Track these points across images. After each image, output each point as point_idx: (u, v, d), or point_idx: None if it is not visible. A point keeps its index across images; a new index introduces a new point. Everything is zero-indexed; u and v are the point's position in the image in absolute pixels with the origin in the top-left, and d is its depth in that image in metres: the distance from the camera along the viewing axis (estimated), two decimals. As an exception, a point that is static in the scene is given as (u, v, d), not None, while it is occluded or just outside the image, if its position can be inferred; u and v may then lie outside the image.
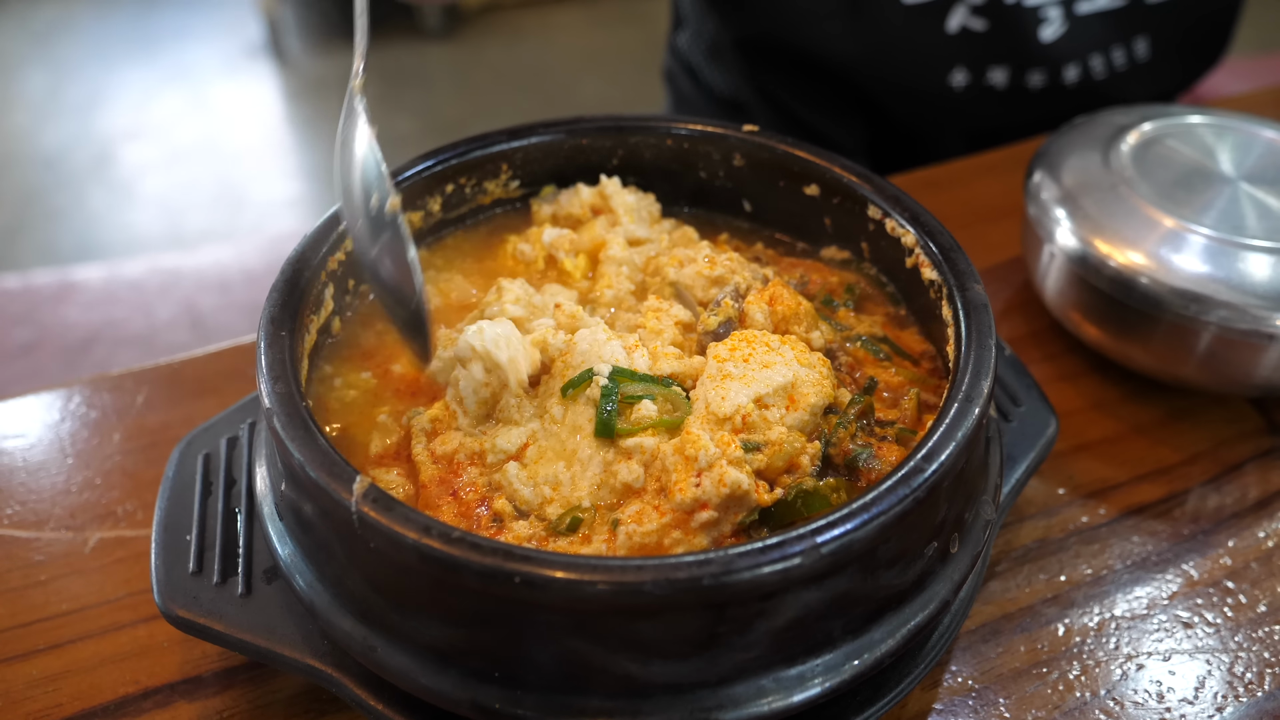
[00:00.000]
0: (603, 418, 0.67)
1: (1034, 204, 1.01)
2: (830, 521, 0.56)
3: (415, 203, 0.84)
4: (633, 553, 0.62)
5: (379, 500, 0.57)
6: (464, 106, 3.80)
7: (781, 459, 0.66)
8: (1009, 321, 1.07)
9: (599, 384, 0.68)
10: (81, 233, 3.25)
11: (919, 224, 0.79)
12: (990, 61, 1.39)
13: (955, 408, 0.63)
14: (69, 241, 3.21)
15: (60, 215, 3.33)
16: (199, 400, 0.95)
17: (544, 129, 0.89)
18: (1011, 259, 1.14)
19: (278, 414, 0.62)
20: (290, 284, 0.72)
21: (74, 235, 3.24)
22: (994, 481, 0.72)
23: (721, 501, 0.63)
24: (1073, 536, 0.86)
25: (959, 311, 0.71)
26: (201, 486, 0.78)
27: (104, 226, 3.27)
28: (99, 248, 3.18)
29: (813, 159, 0.86)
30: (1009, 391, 0.87)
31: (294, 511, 0.65)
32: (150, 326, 1.87)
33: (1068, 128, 1.09)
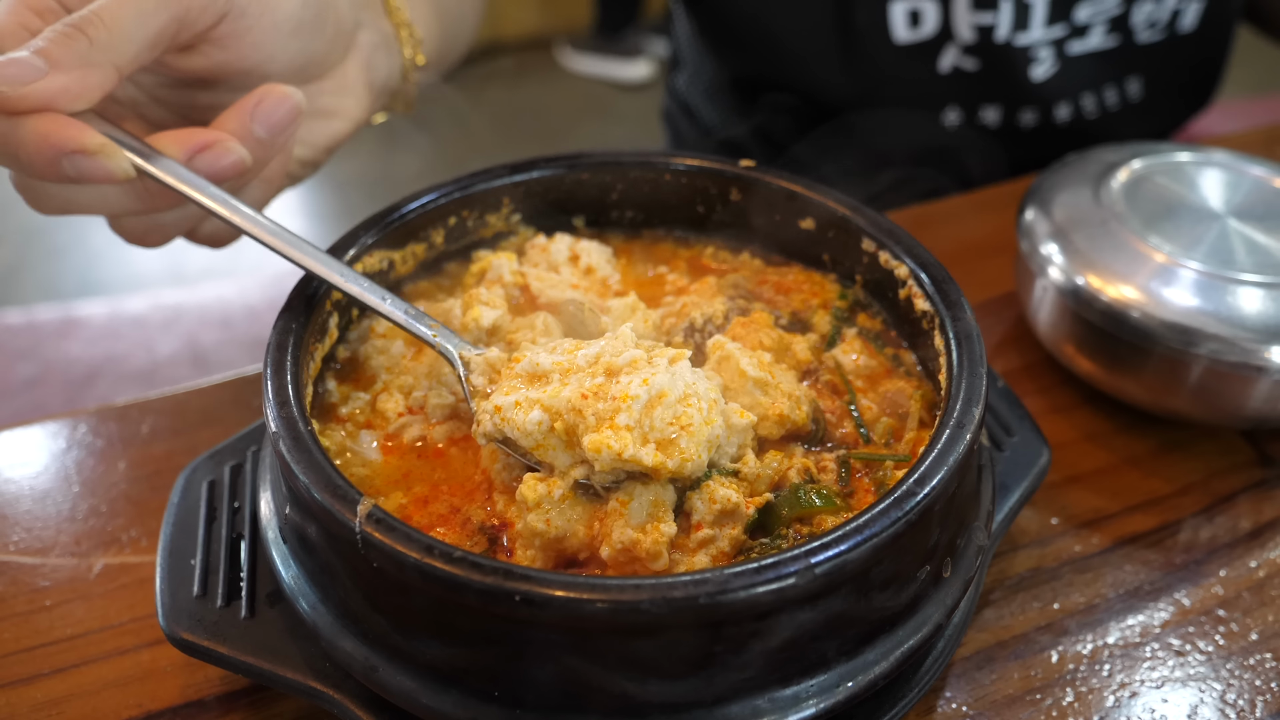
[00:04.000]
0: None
1: (1026, 239, 1.04)
2: (824, 542, 0.58)
3: (418, 235, 0.87)
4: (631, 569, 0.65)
5: (382, 521, 0.59)
6: (464, 146, 3.86)
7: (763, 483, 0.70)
8: (1003, 355, 1.09)
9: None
10: (83, 270, 3.29)
11: (912, 255, 0.81)
12: (982, 100, 1.42)
13: (947, 433, 0.66)
14: (71, 278, 3.25)
15: (62, 252, 3.36)
16: (203, 429, 0.97)
17: (545, 164, 0.92)
18: (1005, 294, 1.16)
19: (283, 438, 0.64)
20: (296, 312, 0.74)
21: (76, 272, 3.28)
22: (986, 509, 0.74)
23: (715, 518, 0.65)
24: (1066, 566, 0.87)
25: (950, 339, 0.73)
26: (206, 512, 0.80)
27: (106, 263, 3.31)
28: (101, 284, 3.22)
29: (808, 193, 0.88)
30: (1002, 422, 0.89)
31: (298, 534, 0.67)
32: (152, 361, 1.89)
33: (1059, 165, 1.12)
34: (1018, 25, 1.34)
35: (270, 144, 0.77)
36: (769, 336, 0.80)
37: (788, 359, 0.81)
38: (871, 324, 0.87)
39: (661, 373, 0.66)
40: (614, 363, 0.68)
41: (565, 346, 0.71)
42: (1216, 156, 1.10)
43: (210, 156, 0.74)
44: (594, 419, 0.65)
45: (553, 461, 0.67)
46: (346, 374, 0.82)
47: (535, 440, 0.67)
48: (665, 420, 0.65)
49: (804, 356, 0.82)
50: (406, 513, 0.70)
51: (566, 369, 0.69)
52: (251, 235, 0.74)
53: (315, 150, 0.90)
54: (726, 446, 0.70)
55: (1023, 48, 1.36)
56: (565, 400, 0.66)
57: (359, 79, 0.91)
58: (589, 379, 0.67)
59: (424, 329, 0.75)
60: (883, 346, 0.84)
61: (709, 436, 0.67)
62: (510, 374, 0.71)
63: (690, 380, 0.68)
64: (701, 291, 0.88)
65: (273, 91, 0.77)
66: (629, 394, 0.65)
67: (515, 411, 0.67)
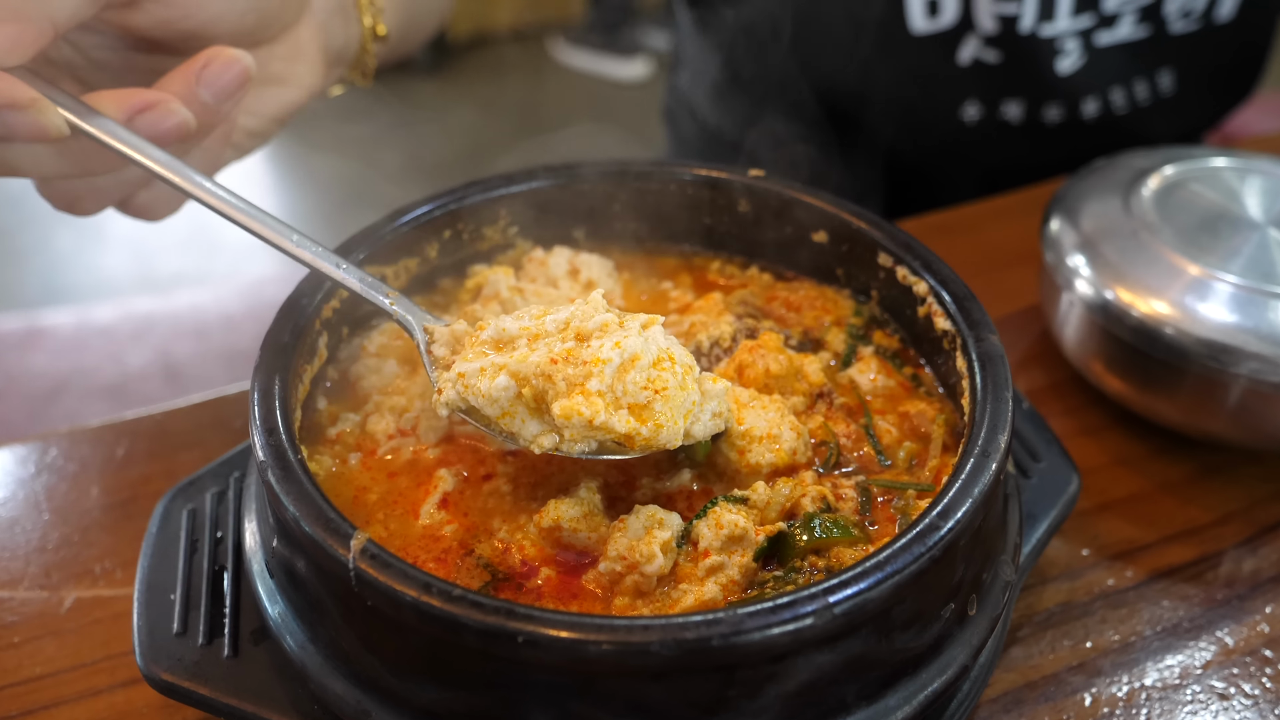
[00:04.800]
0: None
1: (1051, 250, 1.04)
2: (843, 580, 0.59)
3: (412, 249, 0.88)
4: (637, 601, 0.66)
5: (377, 557, 0.59)
6: (452, 144, 3.87)
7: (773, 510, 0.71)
8: (1026, 373, 1.09)
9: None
10: (48, 275, 3.29)
11: (931, 271, 0.82)
12: (1004, 94, 1.42)
13: (972, 462, 0.66)
14: (34, 284, 3.25)
15: (25, 256, 3.37)
16: (183, 453, 0.97)
17: (544, 174, 0.92)
18: (1028, 307, 1.17)
19: (271, 467, 0.65)
20: (284, 332, 0.75)
21: (39, 277, 3.28)
22: (1013, 541, 0.75)
23: (722, 545, 0.66)
24: (1098, 600, 0.88)
25: (974, 363, 0.74)
26: (187, 543, 0.80)
27: (71, 268, 3.32)
28: (66, 291, 3.22)
29: (820, 204, 0.89)
30: (1028, 446, 0.89)
31: (286, 568, 0.67)
32: (122, 375, 1.89)
33: (1086, 171, 1.13)
34: (1043, 15, 1.34)
35: (216, 110, 0.77)
36: (777, 362, 0.81)
37: (798, 384, 0.82)
38: (888, 342, 0.87)
39: (634, 336, 0.68)
40: (584, 327, 0.69)
41: (534, 312, 0.72)
42: (1254, 161, 1.10)
43: (152, 118, 0.73)
44: (564, 384, 0.66)
45: (519, 431, 0.68)
46: (336, 393, 0.82)
47: (501, 408, 0.67)
48: (639, 385, 0.66)
49: (816, 378, 0.82)
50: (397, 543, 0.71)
51: (535, 334, 0.70)
52: (197, 199, 0.73)
53: (264, 120, 0.89)
54: (701, 414, 0.70)
55: (1048, 39, 1.37)
56: (534, 365, 0.66)
57: (313, 44, 0.90)
58: (558, 343, 0.68)
59: (381, 297, 0.76)
60: (901, 366, 0.85)
61: (684, 403, 0.68)
62: (475, 341, 0.72)
63: (664, 345, 0.69)
64: (707, 308, 0.89)
65: (221, 54, 0.76)
66: (600, 358, 0.66)
67: (480, 379, 0.67)
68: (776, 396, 0.79)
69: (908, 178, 1.54)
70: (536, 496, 0.73)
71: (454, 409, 0.70)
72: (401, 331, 0.86)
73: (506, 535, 0.71)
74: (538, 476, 0.75)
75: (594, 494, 0.71)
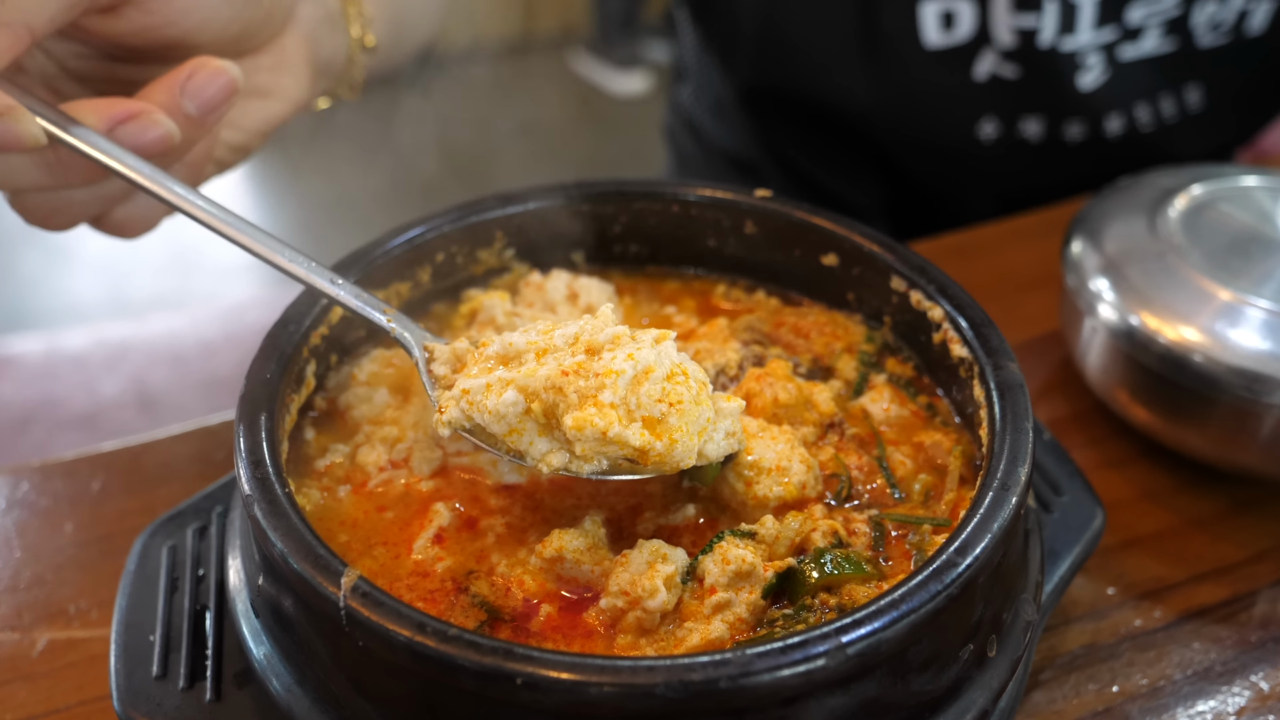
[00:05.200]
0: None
1: (1073, 274, 1.06)
2: (856, 619, 0.60)
3: (404, 272, 0.89)
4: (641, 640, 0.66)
5: (369, 595, 0.60)
6: (442, 164, 3.89)
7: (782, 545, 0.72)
8: (1047, 402, 1.11)
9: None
10: (14, 299, 3.31)
11: (947, 296, 0.83)
12: (1023, 111, 1.44)
13: (990, 495, 0.67)
14: (0, 309, 3.27)
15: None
16: (161, 487, 0.98)
17: (542, 194, 0.94)
18: (1048, 333, 1.18)
19: (258, 501, 0.66)
20: (270, 359, 0.76)
21: (5, 302, 3.30)
22: (1034, 579, 0.76)
23: (729, 581, 0.67)
24: (1125, 642, 0.88)
25: (992, 391, 0.75)
26: (166, 581, 0.81)
27: (40, 292, 3.33)
28: (34, 316, 3.24)
29: (830, 226, 0.91)
30: (1049, 479, 0.90)
31: (272, 608, 0.68)
32: (95, 405, 1.90)
33: (1110, 190, 1.14)
34: (1064, 28, 1.36)
35: (201, 123, 0.78)
36: (785, 391, 0.82)
37: (808, 414, 0.83)
38: (902, 370, 0.88)
39: (646, 348, 0.69)
40: (595, 340, 0.70)
41: (541, 327, 0.74)
42: (1286, 181, 1.12)
43: (134, 128, 0.74)
44: (576, 397, 0.67)
45: (527, 450, 0.69)
46: (325, 424, 0.84)
47: (509, 425, 0.69)
48: (653, 397, 0.68)
49: (827, 408, 0.84)
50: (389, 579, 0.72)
51: (543, 349, 0.71)
52: (185, 213, 0.74)
53: (247, 134, 0.90)
54: (715, 433, 0.72)
55: (1069, 53, 1.38)
56: (543, 379, 0.68)
57: (299, 56, 0.91)
58: (568, 357, 0.69)
59: (378, 315, 0.77)
60: (915, 394, 0.86)
61: (699, 420, 0.69)
62: (480, 358, 0.73)
63: (677, 360, 0.71)
64: (712, 334, 0.90)
65: (206, 64, 0.78)
66: (613, 369, 0.67)
67: (486, 395, 0.69)
68: (786, 427, 0.80)
69: (921, 198, 1.56)
70: (537, 531, 0.74)
71: (457, 428, 0.71)
72: (393, 359, 0.87)
73: (506, 570, 0.72)
74: (537, 511, 0.76)
75: (598, 527, 0.72)
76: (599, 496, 0.77)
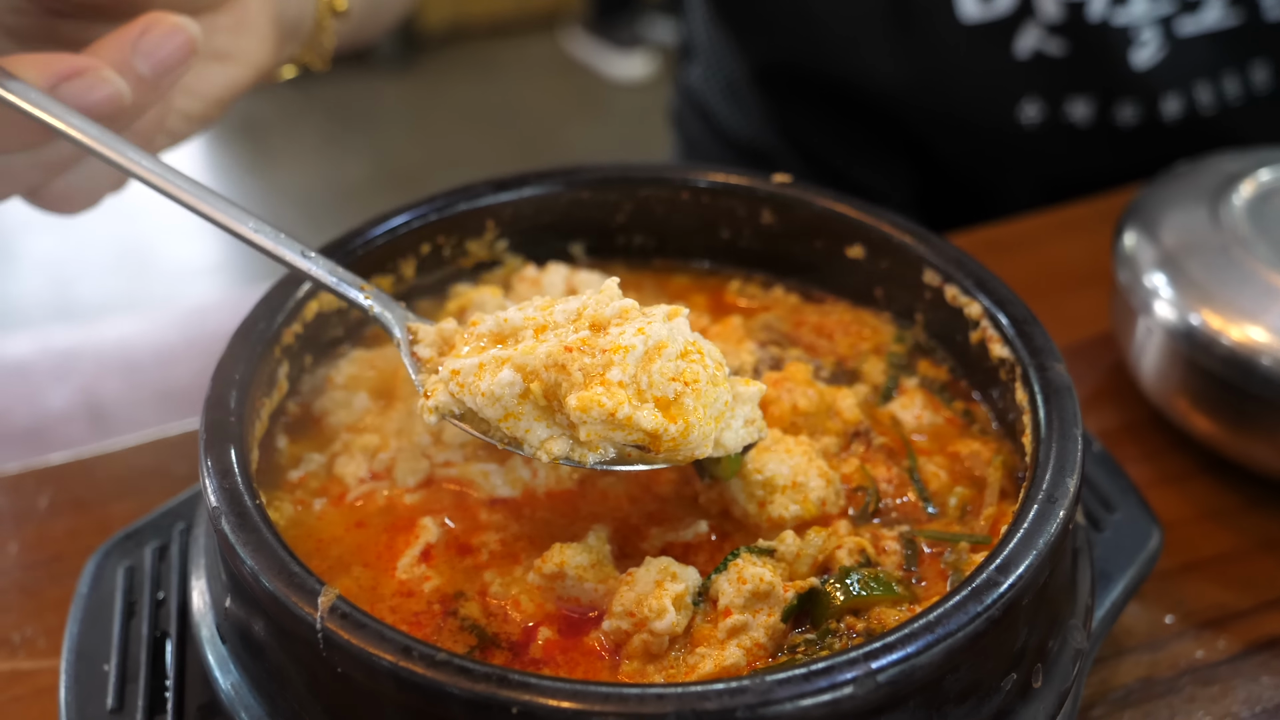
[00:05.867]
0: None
1: (1126, 269, 1.06)
2: (887, 643, 0.60)
3: (385, 266, 0.89)
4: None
5: (349, 616, 0.61)
6: (424, 151, 3.91)
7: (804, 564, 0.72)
8: (1098, 411, 1.11)
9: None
10: (-51, 304, 3.32)
11: (986, 290, 0.84)
12: (1070, 91, 1.44)
13: (1035, 509, 0.67)
14: (-67, 315, 3.28)
15: (-78, 282, 3.40)
16: (116, 503, 0.98)
17: (537, 180, 0.94)
18: (1099, 335, 1.18)
19: (226, 514, 0.66)
20: (239, 360, 0.77)
21: (-61, 306, 3.31)
22: (1084, 603, 0.76)
23: (745, 602, 0.67)
24: (1185, 676, 0.88)
25: (1036, 395, 0.76)
26: (123, 605, 0.81)
27: (-24, 296, 3.34)
28: (-30, 322, 3.25)
29: (856, 215, 0.91)
30: (1100, 495, 0.91)
31: (241, 632, 0.68)
32: (39, 419, 1.91)
33: (1166, 176, 1.15)
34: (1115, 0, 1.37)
35: (154, 85, 0.77)
36: (805, 397, 0.83)
37: (831, 422, 0.83)
38: (935, 373, 0.89)
39: (658, 322, 0.69)
40: (600, 314, 0.70)
41: (539, 302, 0.74)
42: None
43: (80, 86, 0.73)
44: (580, 375, 0.67)
45: (524, 436, 0.69)
46: (299, 431, 0.84)
47: (504, 408, 0.68)
48: (666, 376, 0.68)
49: (851, 415, 0.84)
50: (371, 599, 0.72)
51: (541, 325, 0.71)
52: (138, 177, 0.74)
53: (204, 102, 0.89)
54: (733, 420, 0.72)
55: (1121, 27, 1.38)
56: (543, 356, 0.68)
57: (262, 16, 0.91)
58: (571, 333, 0.69)
59: (354, 292, 0.77)
60: (950, 400, 0.87)
61: (717, 403, 0.69)
62: (470, 337, 0.73)
63: (691, 338, 0.71)
64: (725, 334, 0.91)
65: (161, 21, 0.76)
66: (621, 344, 0.67)
67: (479, 376, 0.68)
68: (803, 437, 0.80)
69: (956, 187, 1.56)
70: (533, 548, 0.74)
71: (445, 415, 0.71)
72: (374, 360, 0.87)
73: (500, 590, 0.72)
74: (534, 526, 0.76)
75: (603, 542, 0.73)
76: (602, 511, 0.77)
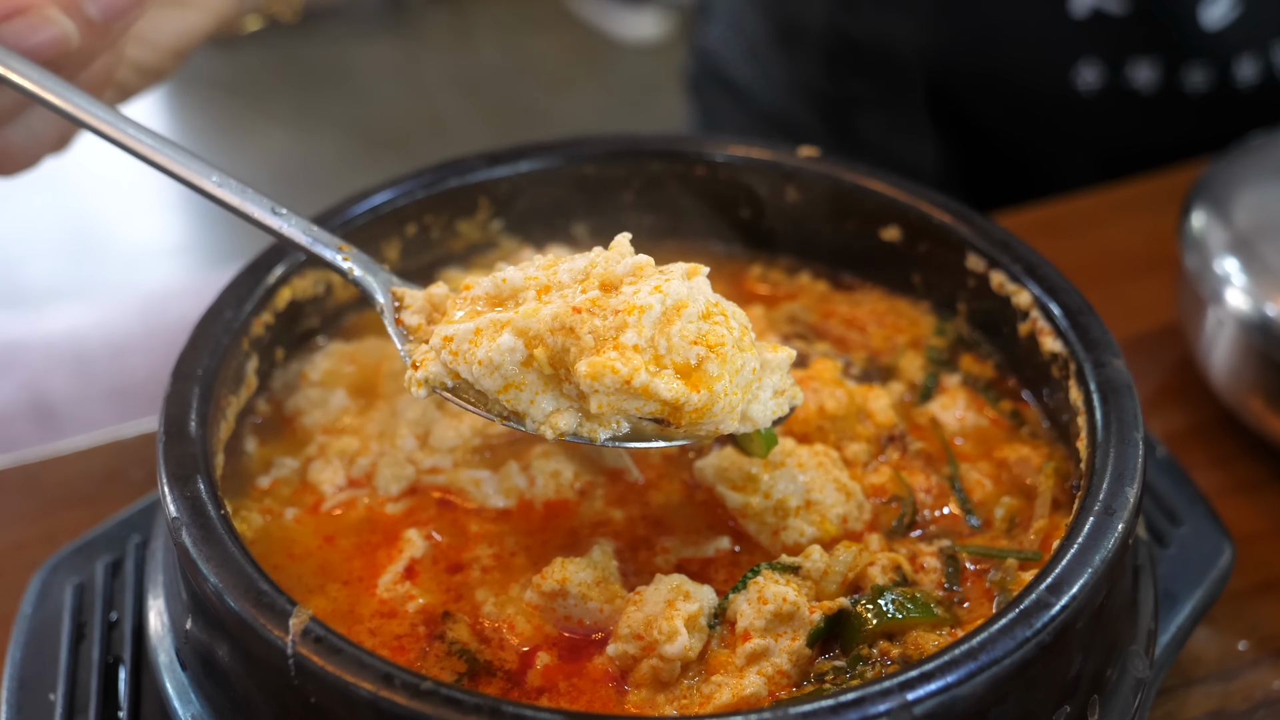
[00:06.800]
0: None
1: (1194, 253, 1.06)
2: (924, 672, 0.60)
3: (368, 247, 0.89)
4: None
5: (323, 640, 0.61)
6: (410, 120, 3.90)
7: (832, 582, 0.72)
8: (1162, 412, 1.10)
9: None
10: (-121, 290, 3.32)
11: (1036, 277, 0.83)
12: (1132, 53, 1.43)
13: (1091, 522, 0.67)
14: None
15: None
16: (65, 512, 0.98)
17: (536, 153, 0.95)
18: (1163, 327, 1.18)
19: (186, 525, 0.66)
20: (202, 353, 0.77)
21: None
22: (1146, 627, 0.76)
23: (766, 625, 0.67)
24: (1261, 709, 0.88)
25: (1092, 394, 0.75)
26: (71, 627, 0.81)
27: (-90, 281, 3.35)
28: (-96, 309, 3.25)
29: (892, 192, 0.91)
30: (1165, 506, 0.90)
31: (203, 657, 0.68)
32: (-21, 417, 1.91)
33: (1239, 151, 1.14)
34: None
35: (104, 30, 0.77)
36: (833, 398, 0.83)
37: (861, 426, 0.83)
38: (980, 369, 0.89)
39: (677, 279, 0.68)
40: (611, 273, 0.69)
41: (542, 261, 0.73)
42: None
43: (22, 27, 0.74)
44: (591, 339, 0.66)
45: (527, 410, 0.68)
46: (270, 432, 0.84)
47: (504, 378, 0.67)
48: (687, 338, 0.67)
49: (885, 418, 0.84)
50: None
51: (545, 286, 0.70)
52: (87, 125, 0.74)
53: (158, 52, 0.89)
54: (761, 391, 0.71)
55: None
56: (548, 318, 0.67)
57: None
58: (578, 294, 0.68)
59: (331, 252, 0.77)
60: (997, 399, 0.87)
61: (744, 370, 0.68)
62: (464, 301, 0.71)
63: (713, 299, 0.70)
64: (746, 326, 0.91)
65: None
66: (636, 304, 0.66)
67: (475, 341, 0.67)
68: (819, 446, 0.80)
69: (1005, 162, 1.56)
70: (530, 563, 0.74)
71: (435, 387, 0.69)
72: (354, 355, 0.88)
73: (493, 610, 0.72)
74: (533, 538, 0.76)
75: (609, 557, 0.73)
76: (607, 523, 0.77)
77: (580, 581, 0.70)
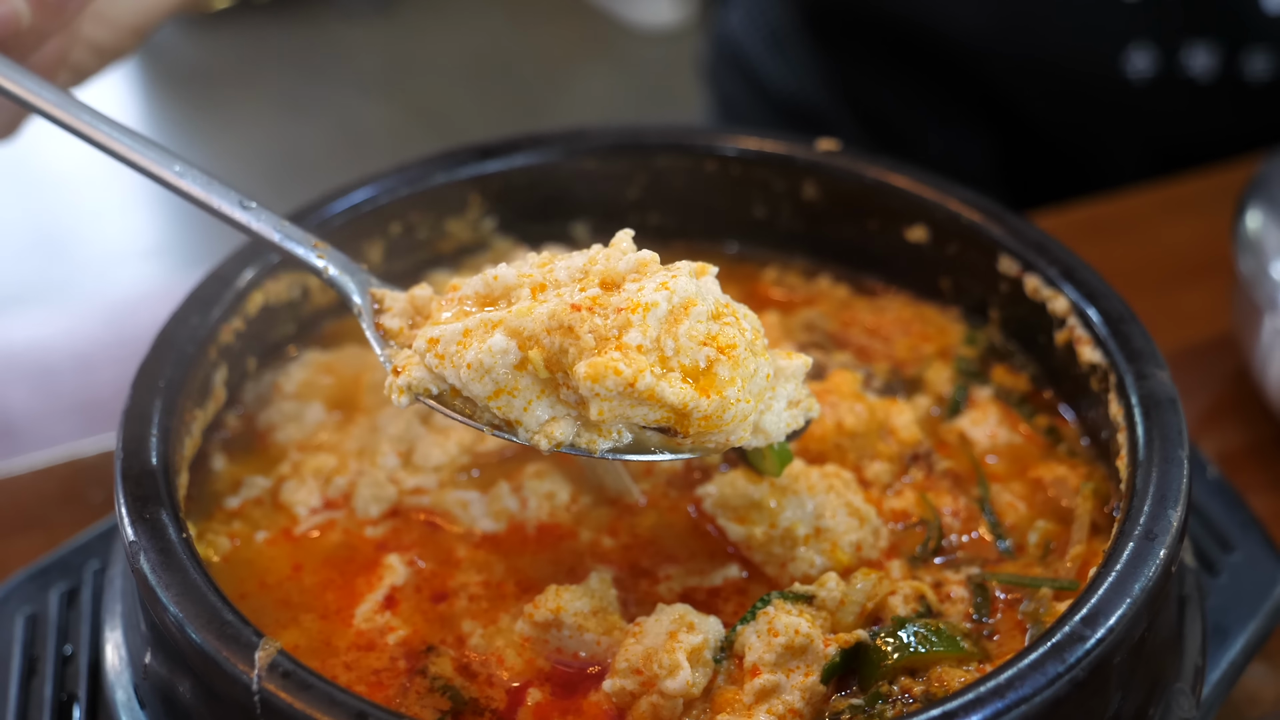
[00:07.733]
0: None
1: (1250, 256, 1.06)
2: (947, 711, 0.60)
3: (349, 248, 0.89)
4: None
5: (292, 675, 0.61)
6: (400, 110, 3.91)
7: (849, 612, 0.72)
8: (1214, 429, 1.10)
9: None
10: None
11: (1074, 282, 0.83)
12: (1188, 37, 1.43)
13: (1131, 548, 0.67)
14: None
15: None
16: (16, 536, 0.99)
17: (532, 146, 0.95)
18: (1216, 337, 1.18)
19: (145, 550, 0.66)
20: (165, 362, 0.77)
21: None
22: (1193, 663, 0.75)
23: (777, 659, 0.67)
24: (1322, 754, 0.88)
25: (1134, 409, 0.75)
26: (22, 661, 0.81)
27: None
28: None
29: (918, 189, 0.91)
30: (1216, 531, 0.90)
31: (164, 694, 0.68)
32: (-69, 433, 1.92)
33: (1299, 145, 1.14)
34: None
35: (58, 8, 0.78)
36: (852, 413, 0.83)
37: (882, 444, 0.83)
38: (1014, 381, 0.89)
39: (684, 276, 0.68)
40: (613, 270, 0.69)
41: (536, 259, 0.73)
42: None
43: None
44: (591, 339, 0.65)
45: (520, 418, 0.68)
46: (239, 449, 0.84)
47: (495, 383, 0.67)
48: (695, 339, 0.66)
49: (909, 434, 0.84)
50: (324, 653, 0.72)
51: (540, 284, 0.70)
52: (39, 111, 0.74)
53: (118, 30, 0.89)
54: (774, 401, 0.71)
55: None
56: (545, 318, 0.66)
57: None
58: (577, 292, 0.68)
59: (304, 249, 0.77)
60: (1031, 414, 0.86)
61: (757, 376, 0.68)
62: (449, 302, 0.71)
63: (723, 299, 0.70)
64: (760, 334, 0.91)
65: None
66: (640, 302, 0.66)
67: (464, 343, 0.67)
68: (831, 466, 0.80)
69: (1047, 155, 1.56)
70: (521, 592, 0.75)
71: (419, 394, 0.69)
72: (332, 365, 0.88)
73: (481, 643, 0.72)
74: (525, 565, 0.77)
75: (607, 585, 0.73)
76: (605, 548, 0.77)
77: (576, 611, 0.70)
